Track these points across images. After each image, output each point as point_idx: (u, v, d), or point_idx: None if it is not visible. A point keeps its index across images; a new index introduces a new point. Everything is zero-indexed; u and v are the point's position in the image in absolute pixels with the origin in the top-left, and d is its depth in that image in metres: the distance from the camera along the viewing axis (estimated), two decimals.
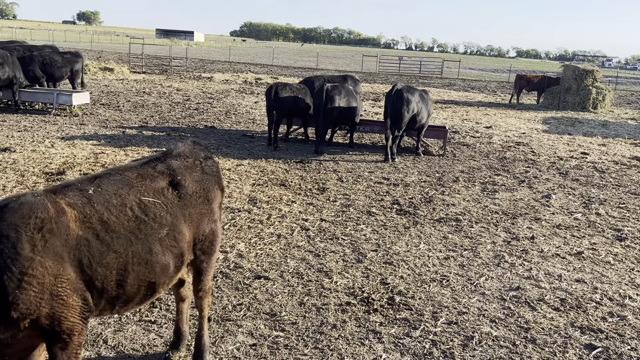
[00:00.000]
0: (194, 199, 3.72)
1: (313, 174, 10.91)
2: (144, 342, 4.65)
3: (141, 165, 3.67)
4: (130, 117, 16.31)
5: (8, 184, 8.60)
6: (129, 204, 3.28)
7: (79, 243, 2.96)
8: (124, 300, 3.27)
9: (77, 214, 3.01)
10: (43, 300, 2.77)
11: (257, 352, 4.59)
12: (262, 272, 6.13)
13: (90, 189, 3.19)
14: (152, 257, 3.30)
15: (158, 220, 3.38)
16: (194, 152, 4.03)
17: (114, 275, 3.12)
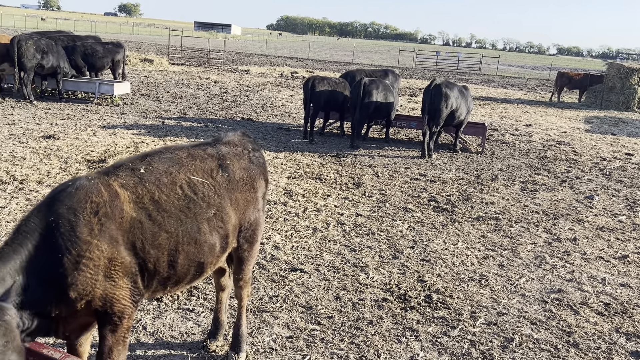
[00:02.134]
0: (240, 185, 3.74)
1: (348, 168, 10.85)
2: (182, 330, 4.70)
3: (192, 146, 3.72)
4: (169, 108, 16.55)
5: (52, 170, 8.83)
6: (179, 182, 3.32)
7: (133, 225, 3.01)
8: (175, 280, 3.32)
9: (130, 195, 3.06)
10: (98, 282, 2.83)
11: (294, 344, 4.59)
12: (298, 264, 6.13)
13: (141, 168, 3.24)
14: (200, 236, 3.34)
15: (206, 200, 3.41)
16: (242, 141, 4.05)
17: (166, 255, 3.16)
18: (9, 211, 6.94)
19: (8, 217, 6.77)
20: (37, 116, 13.40)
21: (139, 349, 4.36)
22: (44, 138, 11.03)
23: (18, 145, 10.28)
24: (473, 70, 50.90)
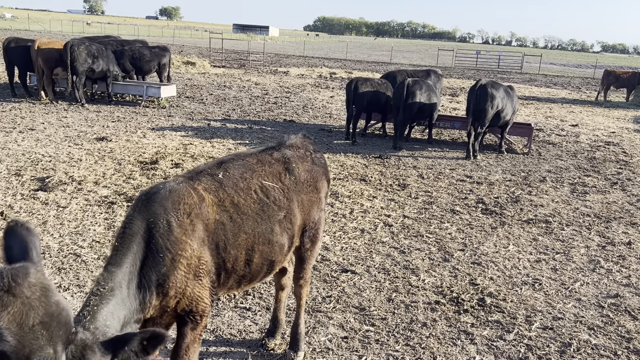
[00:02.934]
0: (305, 187, 3.85)
1: (392, 169, 10.86)
2: (240, 328, 4.83)
3: (259, 152, 3.85)
4: (214, 110, 16.88)
5: (107, 171, 9.16)
6: (253, 187, 3.47)
7: (217, 227, 3.16)
8: (249, 278, 3.47)
9: (213, 199, 3.22)
10: (189, 281, 2.99)
11: (349, 345, 4.66)
12: (349, 266, 6.20)
13: (219, 174, 3.39)
14: (273, 237, 3.48)
15: (277, 203, 3.54)
16: (304, 144, 4.16)
17: (243, 255, 3.31)
18: (70, 211, 7.25)
19: (69, 216, 7.07)
20: (89, 119, 13.89)
21: (201, 345, 4.51)
22: (97, 140, 11.44)
23: (74, 147, 10.69)
24: (514, 69, 49.93)
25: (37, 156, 9.84)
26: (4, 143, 10.68)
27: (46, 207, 7.33)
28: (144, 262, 2.88)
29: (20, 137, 11.33)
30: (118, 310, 2.69)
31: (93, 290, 2.66)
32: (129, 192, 8.10)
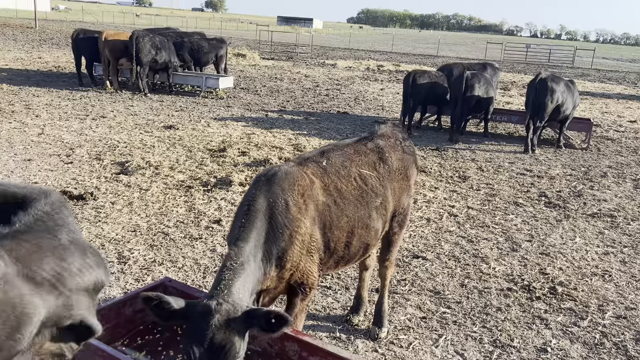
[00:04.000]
0: (397, 175, 4.12)
1: (451, 161, 10.99)
2: (324, 305, 5.16)
3: (354, 142, 4.13)
4: (269, 102, 17.30)
5: (180, 157, 9.66)
6: (353, 174, 3.75)
7: (324, 208, 3.46)
8: (346, 260, 3.75)
9: (320, 183, 3.52)
10: (302, 256, 3.30)
11: (428, 324, 4.91)
12: (419, 252, 6.44)
13: (323, 162, 3.69)
14: (370, 222, 3.76)
15: (374, 190, 3.82)
16: (394, 133, 4.42)
17: (344, 237, 3.60)
18: (152, 193, 7.74)
19: (152, 198, 7.56)
20: (153, 108, 14.51)
21: None
22: (165, 128, 12.00)
23: (145, 134, 11.27)
24: (565, 63, 48.67)
25: (113, 142, 10.44)
26: (81, 129, 11.35)
27: (130, 190, 7.84)
28: (266, 237, 3.21)
29: (94, 124, 11.99)
30: (248, 283, 3.02)
31: (226, 264, 2.98)
32: (203, 178, 8.55)
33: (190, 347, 2.65)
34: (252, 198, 3.30)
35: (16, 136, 10.39)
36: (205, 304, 2.72)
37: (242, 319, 2.72)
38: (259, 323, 2.72)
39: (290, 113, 15.47)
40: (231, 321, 2.68)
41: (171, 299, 2.71)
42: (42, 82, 17.59)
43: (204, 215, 7.12)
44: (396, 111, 16.63)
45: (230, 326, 2.67)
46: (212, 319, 2.65)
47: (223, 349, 2.64)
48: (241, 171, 8.97)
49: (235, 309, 2.73)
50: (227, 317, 2.68)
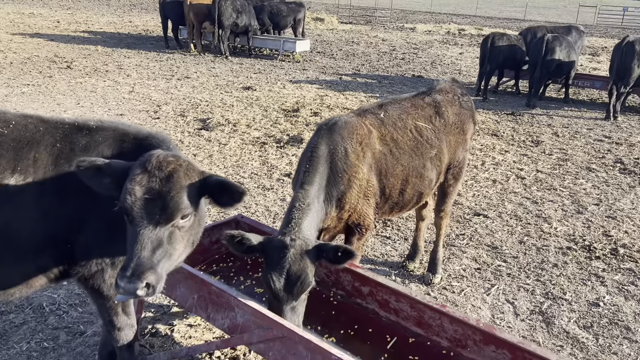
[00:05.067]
0: (453, 129, 4.31)
1: (525, 126, 10.79)
2: (382, 252, 5.49)
3: (412, 97, 4.36)
4: (344, 65, 17.49)
5: (256, 116, 10.19)
6: (409, 126, 4.00)
7: (380, 157, 3.76)
8: (400, 206, 4.05)
9: (377, 133, 3.81)
10: (360, 199, 3.64)
11: (482, 275, 5.13)
12: (481, 210, 6.58)
13: (381, 113, 3.96)
14: (424, 172, 4.01)
15: (429, 142, 4.06)
16: (452, 88, 4.59)
17: (399, 184, 3.89)
18: (230, 147, 8.31)
19: (230, 152, 8.13)
20: (233, 70, 15.15)
21: None
22: (243, 89, 12.58)
23: (225, 94, 11.90)
24: None
25: (196, 101, 11.14)
26: (167, 88, 12.16)
27: (210, 144, 8.46)
28: (327, 181, 3.55)
29: (179, 84, 12.78)
30: (313, 221, 3.39)
31: (295, 205, 3.35)
32: (276, 135, 9.02)
33: (269, 276, 3.07)
34: (315, 145, 3.64)
35: (110, 93, 11.34)
36: (281, 240, 3.12)
37: (314, 252, 3.11)
38: (328, 256, 3.10)
39: (364, 76, 15.61)
40: (304, 254, 3.08)
41: (251, 236, 3.14)
42: (132, 44, 18.75)
43: (276, 168, 7.60)
44: (473, 75, 16.32)
45: (303, 258, 3.07)
46: (288, 252, 3.05)
47: (299, 277, 3.04)
48: (312, 130, 9.34)
49: (307, 244, 3.12)
50: (301, 250, 3.08)
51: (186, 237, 2.61)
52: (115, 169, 2.54)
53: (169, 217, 2.44)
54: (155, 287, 2.38)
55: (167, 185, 2.45)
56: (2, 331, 3.93)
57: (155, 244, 2.41)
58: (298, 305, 3.16)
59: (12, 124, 2.71)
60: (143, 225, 2.41)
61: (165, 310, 4.31)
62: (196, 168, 2.61)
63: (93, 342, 3.86)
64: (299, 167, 3.73)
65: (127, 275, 2.31)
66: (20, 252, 2.69)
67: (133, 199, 2.41)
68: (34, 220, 2.66)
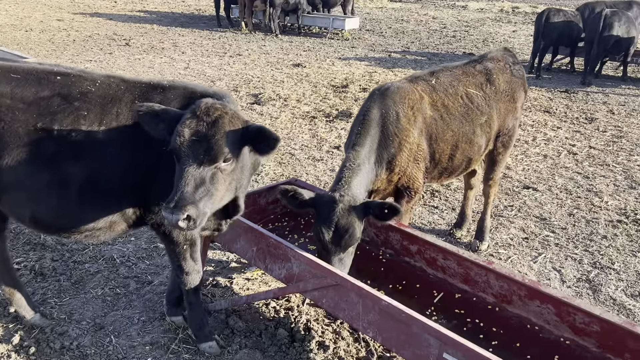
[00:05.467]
0: (503, 96, 4.39)
1: (580, 104, 10.56)
2: (430, 220, 5.63)
3: (464, 64, 4.45)
4: (393, 42, 17.41)
5: (306, 92, 10.39)
6: (460, 93, 4.11)
7: (431, 122, 3.90)
8: (449, 172, 4.18)
9: (428, 99, 3.94)
10: (410, 163, 3.80)
11: (529, 244, 5.20)
12: (530, 184, 6.59)
13: (432, 80, 4.08)
14: (474, 138, 4.12)
15: (480, 109, 4.15)
16: (504, 57, 4.64)
17: (448, 150, 4.02)
18: (281, 121, 8.57)
19: (281, 125, 8.38)
20: (283, 48, 15.38)
21: None
22: (293, 66, 12.79)
23: (275, 71, 12.15)
24: None
25: (247, 77, 11.44)
26: (220, 65, 12.51)
27: (262, 117, 8.73)
28: (379, 143, 3.72)
29: (231, 60, 13.11)
30: (363, 181, 3.58)
31: (345, 165, 3.55)
32: (326, 110, 9.21)
33: (319, 229, 3.31)
34: (367, 109, 3.81)
35: (167, 69, 11.78)
36: (331, 195, 3.35)
37: (361, 207, 3.32)
38: (375, 212, 3.30)
39: (413, 54, 15.53)
40: (352, 209, 3.29)
41: (303, 191, 3.38)
42: (186, 23, 19.24)
43: (325, 141, 7.80)
44: (527, 53, 15.92)
45: (351, 213, 3.28)
46: (337, 207, 3.27)
47: (347, 231, 3.26)
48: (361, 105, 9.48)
49: (355, 200, 3.33)
50: (349, 206, 3.29)
51: (228, 180, 2.80)
52: (170, 115, 2.80)
53: (212, 159, 2.65)
54: (196, 220, 2.60)
55: (213, 129, 2.67)
56: (79, 278, 4.33)
57: (198, 182, 2.63)
58: (345, 257, 3.37)
59: (98, 83, 3.00)
60: (188, 164, 2.64)
61: (224, 265, 4.62)
62: (241, 117, 2.82)
63: (159, 291, 4.21)
64: (352, 130, 3.91)
65: (171, 207, 2.55)
66: (106, 198, 3.00)
67: (181, 140, 2.65)
68: (116, 169, 2.96)
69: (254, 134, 2.77)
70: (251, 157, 2.99)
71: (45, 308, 3.92)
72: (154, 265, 4.57)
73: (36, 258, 4.54)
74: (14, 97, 2.84)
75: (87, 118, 2.90)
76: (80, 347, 3.56)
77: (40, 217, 3.01)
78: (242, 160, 2.88)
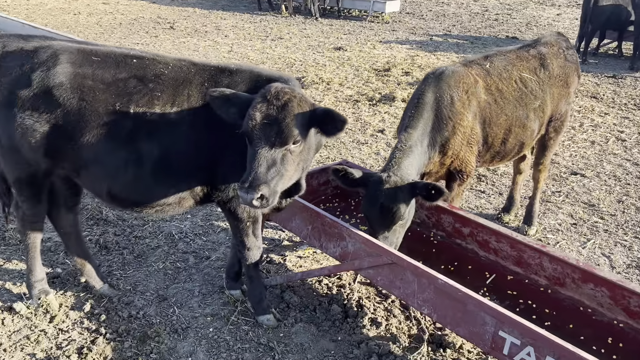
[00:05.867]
0: (557, 81, 4.38)
1: (628, 89, 10.30)
2: (477, 205, 5.67)
3: (517, 49, 4.46)
4: (434, 26, 17.21)
5: (348, 75, 10.44)
6: (514, 77, 4.14)
7: (485, 106, 3.94)
8: (501, 156, 4.22)
9: (482, 83, 3.98)
10: (463, 146, 3.86)
11: (578, 230, 5.20)
12: (578, 170, 6.54)
13: (487, 64, 4.12)
14: (527, 122, 4.15)
15: (534, 93, 4.17)
16: (558, 41, 4.63)
17: (501, 134, 4.06)
18: (324, 104, 8.66)
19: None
20: (324, 31, 15.40)
21: None
22: (334, 49, 12.83)
23: (317, 54, 12.22)
24: None
25: (290, 60, 11.55)
26: (262, 48, 12.65)
27: None
28: (432, 127, 3.79)
29: (273, 44, 13.23)
30: (414, 163, 3.66)
31: (397, 146, 3.64)
32: (369, 94, 9.25)
33: (365, 207, 3.43)
34: (422, 92, 3.87)
35: (211, 52, 11.99)
36: (379, 175, 3.46)
37: (408, 188, 3.41)
38: (421, 192, 3.39)
39: (455, 37, 15.34)
40: (398, 189, 3.39)
41: (353, 170, 3.51)
42: (227, 6, 19.41)
43: (369, 125, 7.87)
44: (572, 37, 15.51)
45: (397, 193, 3.38)
46: (383, 186, 3.38)
47: (391, 210, 3.37)
48: (404, 89, 9.49)
49: (402, 180, 3.42)
50: (395, 186, 3.39)
51: (296, 161, 2.93)
52: (241, 99, 2.94)
53: (283, 141, 2.78)
54: (269, 199, 2.74)
55: (283, 113, 2.80)
56: (141, 252, 4.56)
57: (270, 163, 2.77)
58: (391, 236, 3.48)
59: (170, 66, 3.16)
60: (261, 146, 2.78)
61: (277, 243, 4.79)
62: (308, 100, 2.94)
63: (217, 266, 4.40)
64: (405, 113, 3.99)
65: (245, 186, 2.70)
66: (177, 175, 3.18)
67: (253, 123, 2.79)
68: (187, 148, 3.13)
69: (321, 117, 2.88)
70: (315, 139, 3.10)
71: (111, 279, 4.16)
72: (210, 241, 4.77)
73: (99, 232, 4.80)
74: (95, 78, 3.02)
75: (161, 99, 3.07)
76: (146, 317, 3.78)
77: (116, 192, 3.21)
78: (309, 141, 3.00)
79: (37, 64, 3.01)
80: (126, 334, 3.60)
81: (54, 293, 3.88)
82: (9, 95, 3.02)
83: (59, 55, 3.03)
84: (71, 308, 3.83)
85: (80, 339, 3.55)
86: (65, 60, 3.03)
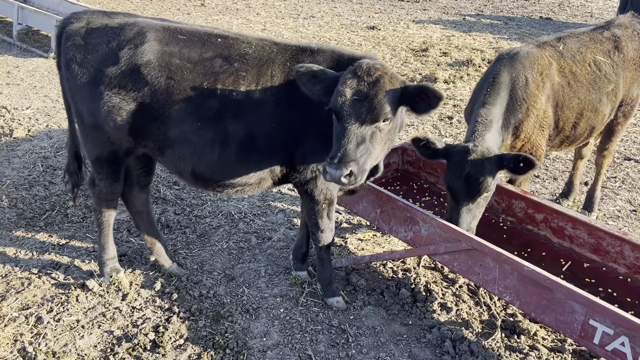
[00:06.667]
0: (631, 64, 4.26)
1: None
2: (532, 189, 5.59)
3: (590, 30, 4.33)
4: (466, 5, 16.88)
5: (385, 56, 10.30)
6: (587, 60, 4.03)
7: (558, 89, 3.85)
8: (571, 140, 4.13)
9: (556, 65, 3.88)
10: (535, 129, 3.77)
11: (639, 217, 5.10)
12: (632, 155, 6.40)
13: (560, 46, 4.01)
14: (600, 106, 4.05)
15: (607, 77, 4.06)
16: (632, 23, 4.49)
17: (573, 118, 3.97)
18: None
19: None
20: (355, 9, 15.18)
21: None
22: (368, 29, 12.65)
23: (351, 34, 12.06)
24: None
25: (324, 39, 11.41)
26: (295, 27, 12.51)
27: None
28: (506, 107, 3.70)
29: (305, 23, 13.07)
30: (495, 137, 3.58)
31: (478, 120, 3.57)
32: (409, 74, 9.12)
33: (450, 177, 3.37)
34: (497, 72, 3.78)
35: (245, 30, 11.88)
36: (464, 145, 3.39)
37: (495, 159, 3.33)
38: (509, 164, 3.30)
39: (488, 17, 15.04)
40: (485, 160, 3.31)
41: (436, 141, 3.43)
42: None
43: None
44: (607, 19, 15.16)
45: (484, 163, 3.31)
46: (470, 156, 3.31)
47: (477, 180, 3.29)
48: (445, 70, 9.35)
49: (489, 151, 3.35)
50: (482, 156, 3.32)
51: (384, 139, 2.89)
52: (328, 76, 2.88)
53: (374, 118, 2.73)
54: (357, 176, 2.69)
55: (374, 89, 2.73)
56: (203, 232, 4.57)
57: (360, 140, 2.72)
58: (474, 209, 3.41)
59: (254, 45, 3.11)
60: (350, 122, 2.72)
61: (336, 225, 4.76)
62: (399, 78, 2.87)
63: (279, 246, 4.40)
64: (477, 93, 3.90)
65: (335, 162, 2.65)
66: (260, 155, 3.15)
67: (343, 99, 2.73)
68: (270, 128, 3.10)
69: (414, 94, 2.81)
70: (401, 117, 3.05)
71: (178, 258, 4.18)
72: (270, 222, 4.77)
73: (160, 211, 4.82)
74: (182, 57, 2.99)
75: (246, 79, 3.03)
76: (217, 296, 3.80)
77: (201, 172, 3.19)
78: (397, 120, 2.94)
79: (124, 41, 2.98)
80: (199, 313, 3.62)
81: (124, 271, 3.91)
82: (95, 72, 3.00)
83: (146, 32, 3.00)
84: (142, 286, 3.86)
85: (154, 317, 3.58)
86: (152, 38, 2.99)
